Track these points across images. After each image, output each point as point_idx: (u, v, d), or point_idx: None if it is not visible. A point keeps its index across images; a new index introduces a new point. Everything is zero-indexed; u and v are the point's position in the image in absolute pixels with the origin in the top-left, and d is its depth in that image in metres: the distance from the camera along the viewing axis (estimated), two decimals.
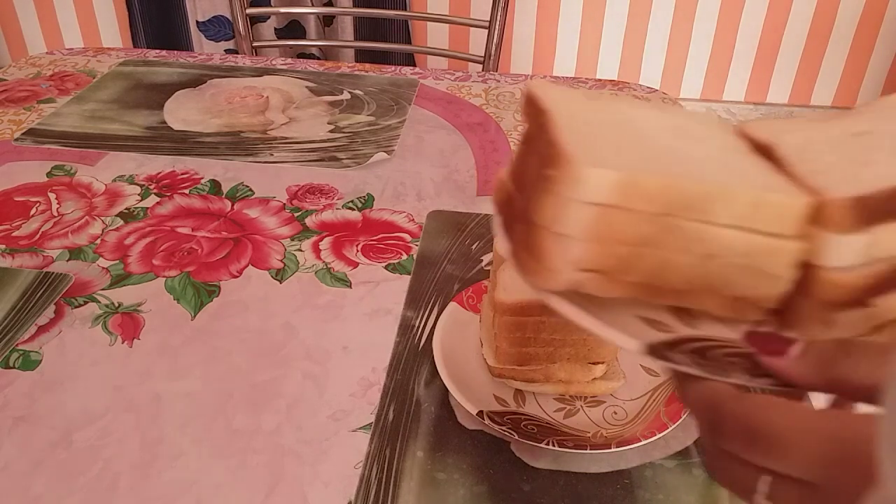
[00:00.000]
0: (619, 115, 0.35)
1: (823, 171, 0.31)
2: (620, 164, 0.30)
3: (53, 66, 1.06)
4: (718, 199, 0.30)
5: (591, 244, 0.30)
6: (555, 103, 0.33)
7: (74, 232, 0.71)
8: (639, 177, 0.29)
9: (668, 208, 0.30)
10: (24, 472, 0.48)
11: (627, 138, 0.33)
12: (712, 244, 0.30)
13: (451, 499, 0.47)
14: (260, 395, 0.54)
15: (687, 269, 0.31)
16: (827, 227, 0.29)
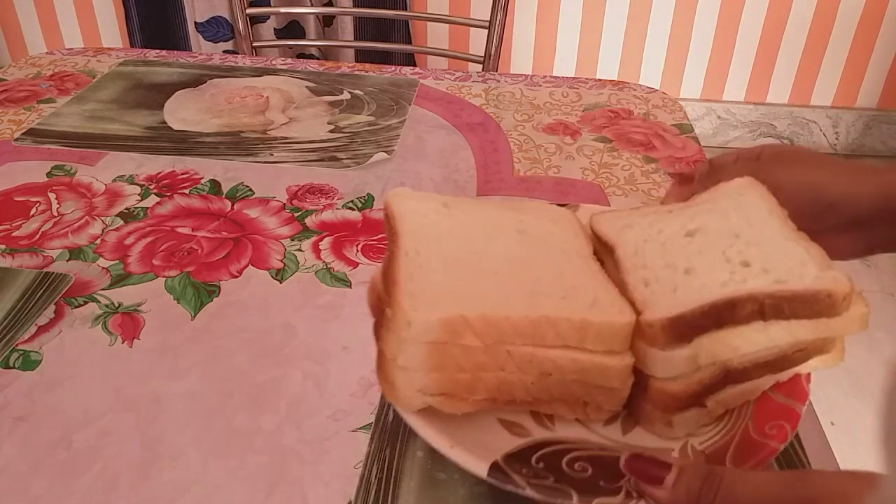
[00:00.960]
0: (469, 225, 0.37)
1: (652, 279, 0.34)
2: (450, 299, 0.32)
3: (53, 66, 1.06)
4: (545, 325, 0.32)
5: (432, 373, 0.32)
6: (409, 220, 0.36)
7: (74, 232, 0.71)
8: (465, 315, 0.31)
9: (498, 338, 0.32)
10: (24, 473, 0.48)
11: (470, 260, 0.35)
12: (546, 364, 0.32)
13: (451, 499, 0.47)
14: (260, 395, 0.54)
15: (528, 386, 0.33)
16: (650, 344, 0.32)
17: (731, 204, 0.38)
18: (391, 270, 0.34)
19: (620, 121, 0.92)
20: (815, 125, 2.35)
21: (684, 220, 0.37)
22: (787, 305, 0.32)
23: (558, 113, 0.94)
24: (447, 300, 0.32)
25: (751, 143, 2.37)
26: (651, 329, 0.32)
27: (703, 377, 0.33)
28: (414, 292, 0.32)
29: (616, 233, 0.37)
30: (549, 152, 0.86)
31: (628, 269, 0.35)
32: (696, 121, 2.34)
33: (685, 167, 0.50)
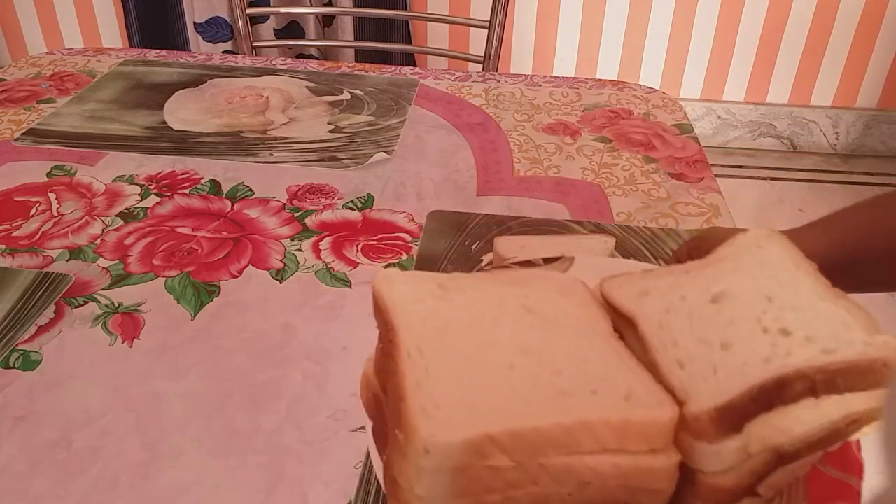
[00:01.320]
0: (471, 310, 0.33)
1: (686, 359, 0.30)
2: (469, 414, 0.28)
3: (53, 66, 1.06)
4: (580, 431, 0.28)
5: (457, 501, 0.28)
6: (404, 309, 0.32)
7: (74, 232, 0.71)
8: (490, 433, 0.27)
9: (529, 452, 0.28)
10: (24, 472, 0.48)
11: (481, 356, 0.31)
12: (585, 473, 0.29)
13: None
14: (260, 395, 0.54)
15: (565, 498, 0.29)
16: (698, 438, 0.29)
17: (753, 261, 0.34)
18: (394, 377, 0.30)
19: (620, 121, 0.92)
20: (815, 125, 2.35)
21: (706, 282, 0.34)
22: (840, 379, 0.30)
23: (558, 113, 0.94)
24: (466, 416, 0.28)
25: (751, 142, 2.37)
26: (698, 423, 0.28)
27: (754, 466, 0.29)
28: (426, 409, 0.28)
29: (634, 303, 0.33)
30: (549, 152, 0.85)
31: (657, 347, 0.31)
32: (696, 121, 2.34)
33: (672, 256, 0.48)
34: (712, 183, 0.80)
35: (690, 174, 0.81)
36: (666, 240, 0.70)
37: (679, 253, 0.49)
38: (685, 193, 0.78)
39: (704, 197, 0.77)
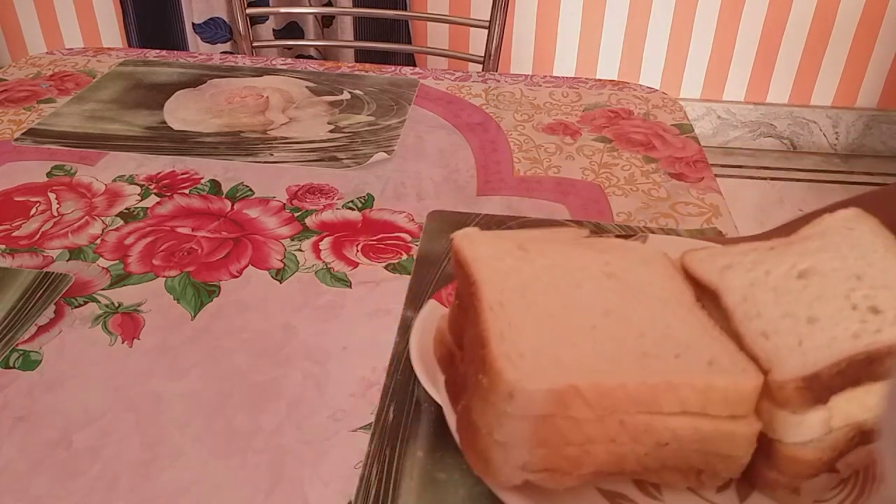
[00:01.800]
0: (553, 272, 0.33)
1: (771, 331, 0.30)
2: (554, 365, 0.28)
3: (53, 66, 1.06)
4: (664, 391, 0.28)
5: (536, 449, 0.29)
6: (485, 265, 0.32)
7: (74, 232, 0.71)
8: (577, 385, 0.27)
9: (611, 408, 0.28)
10: (24, 472, 0.48)
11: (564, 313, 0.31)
12: (664, 434, 0.29)
13: (451, 499, 0.47)
14: (260, 395, 0.54)
15: (641, 457, 0.30)
16: (782, 407, 0.28)
17: (842, 240, 0.34)
18: (475, 328, 0.30)
19: (620, 121, 0.92)
20: (815, 125, 2.35)
21: (792, 259, 0.34)
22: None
23: (558, 113, 0.94)
24: (552, 367, 0.29)
25: (751, 142, 2.37)
26: (783, 391, 0.28)
27: (835, 441, 0.29)
28: (511, 356, 0.28)
29: (717, 275, 0.33)
30: (549, 152, 0.86)
31: (740, 318, 0.31)
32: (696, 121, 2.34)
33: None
34: (712, 183, 0.80)
35: (690, 174, 0.81)
36: None
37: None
38: (685, 193, 0.78)
39: (704, 197, 0.77)
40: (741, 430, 0.29)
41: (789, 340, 0.30)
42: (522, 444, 0.29)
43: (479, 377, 0.29)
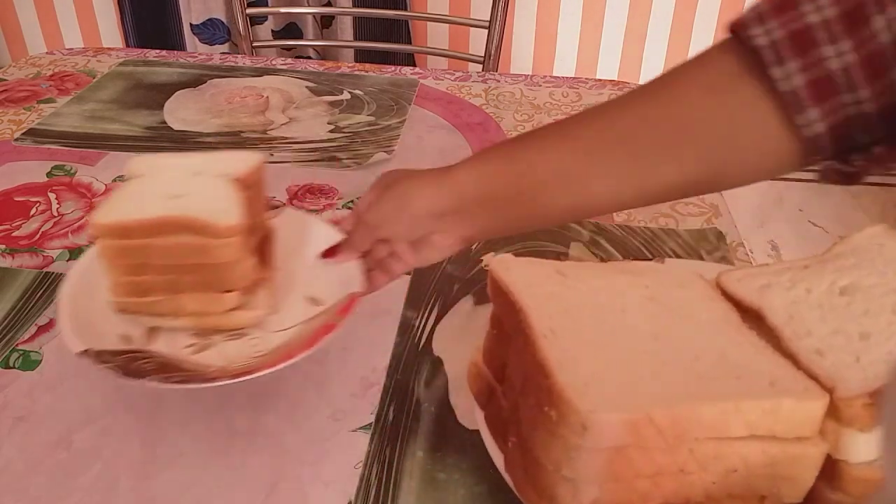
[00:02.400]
0: (595, 297, 0.33)
1: (825, 348, 0.30)
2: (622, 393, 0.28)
3: (53, 66, 1.06)
4: (733, 413, 0.28)
5: (606, 484, 0.28)
6: (528, 291, 0.32)
7: (74, 232, 0.71)
8: (651, 414, 0.27)
9: (683, 435, 0.28)
10: (23, 472, 0.48)
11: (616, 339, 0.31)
12: (733, 460, 0.29)
13: (451, 499, 0.47)
14: (260, 395, 0.54)
15: (708, 486, 0.29)
16: (848, 425, 0.28)
17: (875, 256, 0.35)
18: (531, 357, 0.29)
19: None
20: None
21: (830, 276, 0.34)
22: None
23: (558, 113, 0.94)
24: (620, 396, 0.28)
25: None
26: (850, 408, 0.28)
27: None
28: (576, 386, 0.27)
29: (757, 295, 0.33)
30: None
31: (790, 337, 0.31)
32: None
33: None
34: None
35: None
36: (666, 240, 0.70)
37: None
38: None
39: (704, 197, 0.77)
40: (809, 452, 0.29)
41: (846, 357, 0.30)
42: (593, 479, 0.27)
43: (546, 410, 0.28)
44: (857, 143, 0.41)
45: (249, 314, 0.49)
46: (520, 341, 0.31)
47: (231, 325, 0.50)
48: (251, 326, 0.50)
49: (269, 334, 0.49)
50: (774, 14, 0.41)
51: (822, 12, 0.39)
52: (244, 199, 0.48)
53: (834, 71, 0.39)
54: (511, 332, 0.32)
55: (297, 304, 0.52)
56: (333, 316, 0.48)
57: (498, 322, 0.34)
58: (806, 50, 0.39)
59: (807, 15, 0.40)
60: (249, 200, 0.48)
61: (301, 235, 0.55)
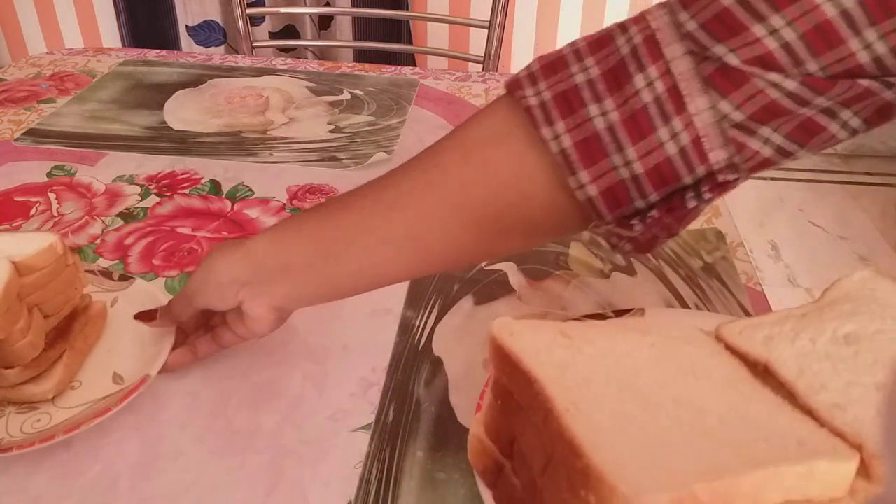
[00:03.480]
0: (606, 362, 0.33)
1: (844, 402, 0.30)
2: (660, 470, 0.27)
3: (53, 66, 1.06)
4: (770, 480, 0.28)
5: None
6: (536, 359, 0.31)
7: (74, 232, 0.71)
8: (692, 491, 0.26)
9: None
10: (24, 472, 0.48)
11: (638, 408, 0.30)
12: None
13: (451, 499, 0.47)
14: (260, 395, 0.54)
15: None
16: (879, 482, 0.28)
17: (871, 302, 0.35)
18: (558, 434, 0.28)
19: None
20: None
21: (832, 324, 0.34)
22: None
23: None
24: (660, 473, 0.27)
25: None
26: (881, 466, 0.27)
27: None
28: (614, 467, 0.26)
29: (762, 348, 0.34)
30: None
31: (805, 392, 0.31)
32: None
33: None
34: None
35: None
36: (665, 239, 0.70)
37: None
38: None
39: None
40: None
41: (866, 411, 0.30)
42: None
43: (582, 494, 0.27)
44: (636, 207, 0.40)
45: (37, 389, 0.51)
46: (539, 416, 0.29)
47: (18, 399, 0.51)
48: (41, 401, 0.52)
49: (59, 410, 0.51)
50: (545, 74, 0.41)
51: (588, 72, 0.39)
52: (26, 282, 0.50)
53: (600, 130, 0.39)
54: (525, 406, 0.31)
55: (103, 380, 0.54)
56: (116, 399, 0.50)
57: (504, 393, 0.32)
58: (573, 110, 0.39)
59: (574, 75, 0.40)
60: (36, 282, 0.51)
61: (144, 308, 0.57)
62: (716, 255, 0.67)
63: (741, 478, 0.27)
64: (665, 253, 0.67)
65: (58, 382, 0.52)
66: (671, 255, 0.67)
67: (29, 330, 0.50)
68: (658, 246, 0.42)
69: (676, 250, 0.68)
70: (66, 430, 0.48)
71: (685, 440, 0.29)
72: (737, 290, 0.64)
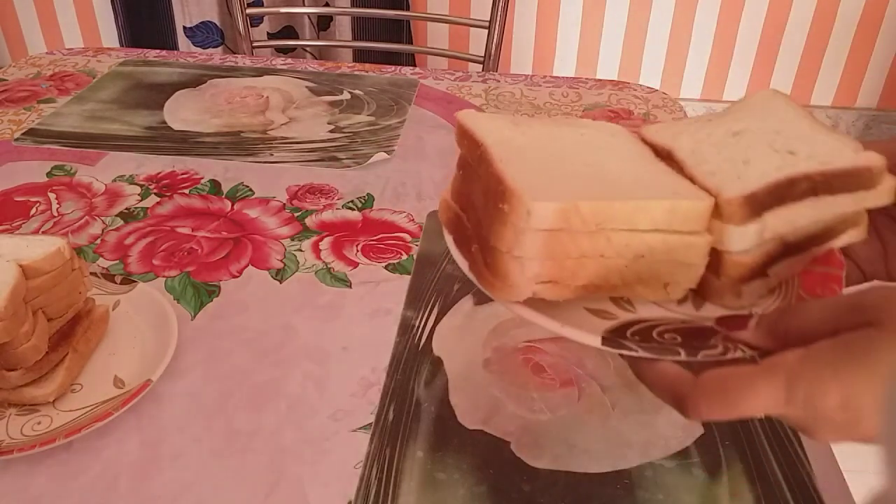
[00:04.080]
0: (542, 139, 0.41)
1: (715, 171, 0.38)
2: (557, 192, 0.36)
3: (53, 66, 1.06)
4: (640, 210, 0.36)
5: (544, 261, 0.36)
6: (488, 134, 0.39)
7: (74, 232, 0.71)
8: (575, 203, 0.35)
9: (601, 224, 0.36)
10: (24, 472, 0.48)
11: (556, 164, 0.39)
12: (640, 247, 0.37)
13: (451, 499, 0.47)
14: (260, 395, 0.54)
15: (622, 269, 0.38)
16: (728, 221, 0.37)
17: (765, 111, 0.44)
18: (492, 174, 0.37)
19: (620, 121, 0.92)
20: None
21: (727, 125, 0.43)
22: (836, 181, 0.38)
23: (558, 113, 0.94)
24: (557, 193, 0.36)
25: None
26: (730, 206, 0.36)
27: (767, 249, 0.38)
28: (524, 187, 0.35)
29: (670, 140, 0.42)
30: None
31: (692, 165, 0.39)
32: None
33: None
34: None
35: None
36: None
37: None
38: None
39: None
40: (699, 242, 0.37)
41: (731, 176, 0.38)
42: (535, 257, 0.35)
43: (500, 206, 0.35)
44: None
45: (38, 391, 0.51)
46: (482, 168, 0.38)
47: (19, 401, 0.51)
48: (41, 403, 0.52)
49: (59, 413, 0.51)
50: None
51: None
52: (32, 285, 0.51)
53: None
54: (475, 165, 0.39)
55: (104, 384, 0.54)
56: (117, 404, 0.51)
57: (464, 164, 0.41)
58: None
59: None
60: (42, 286, 0.51)
61: (146, 313, 0.58)
62: None
63: (616, 203, 0.36)
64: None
65: (59, 385, 0.52)
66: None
67: (33, 333, 0.50)
68: None
69: None
70: (66, 433, 0.49)
71: (585, 181, 0.38)
72: None
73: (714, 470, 0.49)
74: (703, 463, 0.50)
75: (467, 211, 0.40)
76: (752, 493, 0.48)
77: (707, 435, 0.52)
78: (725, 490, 0.48)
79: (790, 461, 0.50)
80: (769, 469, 0.49)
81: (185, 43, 2.16)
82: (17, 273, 0.49)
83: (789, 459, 0.50)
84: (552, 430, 0.52)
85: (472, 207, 0.39)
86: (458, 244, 0.40)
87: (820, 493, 0.48)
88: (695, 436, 0.51)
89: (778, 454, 0.50)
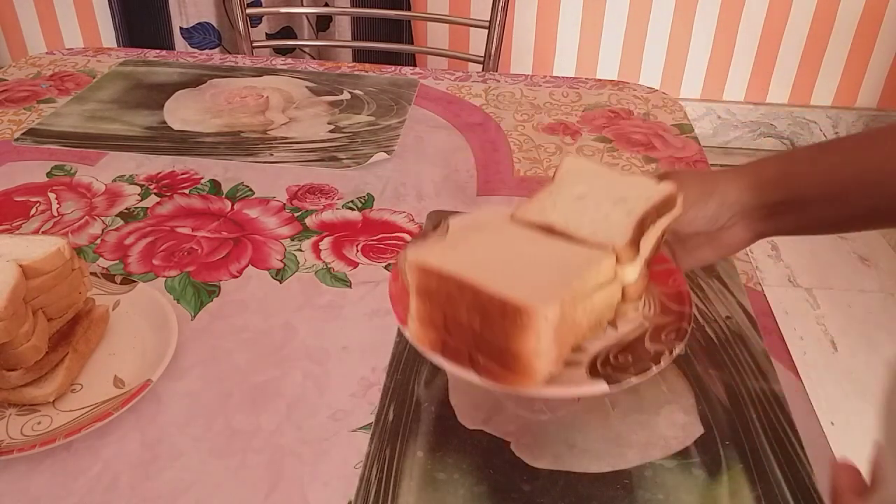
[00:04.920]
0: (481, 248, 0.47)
1: (593, 231, 0.47)
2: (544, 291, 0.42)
3: (53, 66, 1.06)
4: (594, 276, 0.45)
5: (554, 345, 0.42)
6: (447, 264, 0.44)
7: (74, 232, 0.71)
8: (565, 297, 0.42)
9: (576, 302, 0.44)
10: (24, 472, 0.48)
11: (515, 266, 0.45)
12: (596, 304, 0.46)
13: (451, 499, 0.47)
14: (260, 395, 0.54)
15: (588, 321, 0.46)
16: (624, 262, 0.47)
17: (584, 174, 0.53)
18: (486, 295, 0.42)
19: (620, 121, 0.92)
20: (815, 125, 2.35)
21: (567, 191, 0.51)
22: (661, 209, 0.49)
23: (558, 113, 0.94)
24: (544, 291, 0.42)
25: (751, 142, 2.37)
26: (625, 251, 0.46)
27: (644, 272, 0.48)
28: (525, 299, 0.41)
29: (540, 216, 0.49)
30: (549, 152, 0.86)
31: (573, 231, 0.48)
32: (696, 121, 2.34)
33: None
34: None
35: None
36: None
37: None
38: None
39: None
40: (616, 286, 0.47)
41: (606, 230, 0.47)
42: (550, 346, 0.42)
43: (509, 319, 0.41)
44: None
45: (38, 391, 0.51)
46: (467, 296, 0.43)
47: (19, 401, 0.51)
48: (41, 403, 0.52)
49: (59, 412, 0.51)
50: None
51: None
52: (32, 285, 0.51)
53: None
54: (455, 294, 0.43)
55: (104, 384, 0.54)
56: (117, 404, 0.51)
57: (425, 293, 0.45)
58: None
59: None
60: (42, 286, 0.51)
61: (146, 313, 0.58)
62: None
63: (580, 281, 0.44)
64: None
65: (59, 385, 0.52)
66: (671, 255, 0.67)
67: (33, 333, 0.50)
68: None
69: None
70: (66, 433, 0.49)
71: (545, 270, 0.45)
72: (737, 290, 0.64)
73: (714, 470, 0.49)
74: (703, 463, 0.50)
75: (451, 330, 0.44)
76: (752, 493, 0.48)
77: (707, 435, 0.52)
78: (725, 490, 0.48)
79: (790, 461, 0.50)
80: (769, 469, 0.49)
81: (181, 44, 2.16)
82: (18, 273, 0.49)
83: (789, 459, 0.50)
84: (552, 430, 0.52)
85: (457, 326, 0.44)
86: (457, 362, 0.44)
87: (820, 494, 0.48)
88: (695, 436, 0.51)
89: (778, 454, 0.50)
